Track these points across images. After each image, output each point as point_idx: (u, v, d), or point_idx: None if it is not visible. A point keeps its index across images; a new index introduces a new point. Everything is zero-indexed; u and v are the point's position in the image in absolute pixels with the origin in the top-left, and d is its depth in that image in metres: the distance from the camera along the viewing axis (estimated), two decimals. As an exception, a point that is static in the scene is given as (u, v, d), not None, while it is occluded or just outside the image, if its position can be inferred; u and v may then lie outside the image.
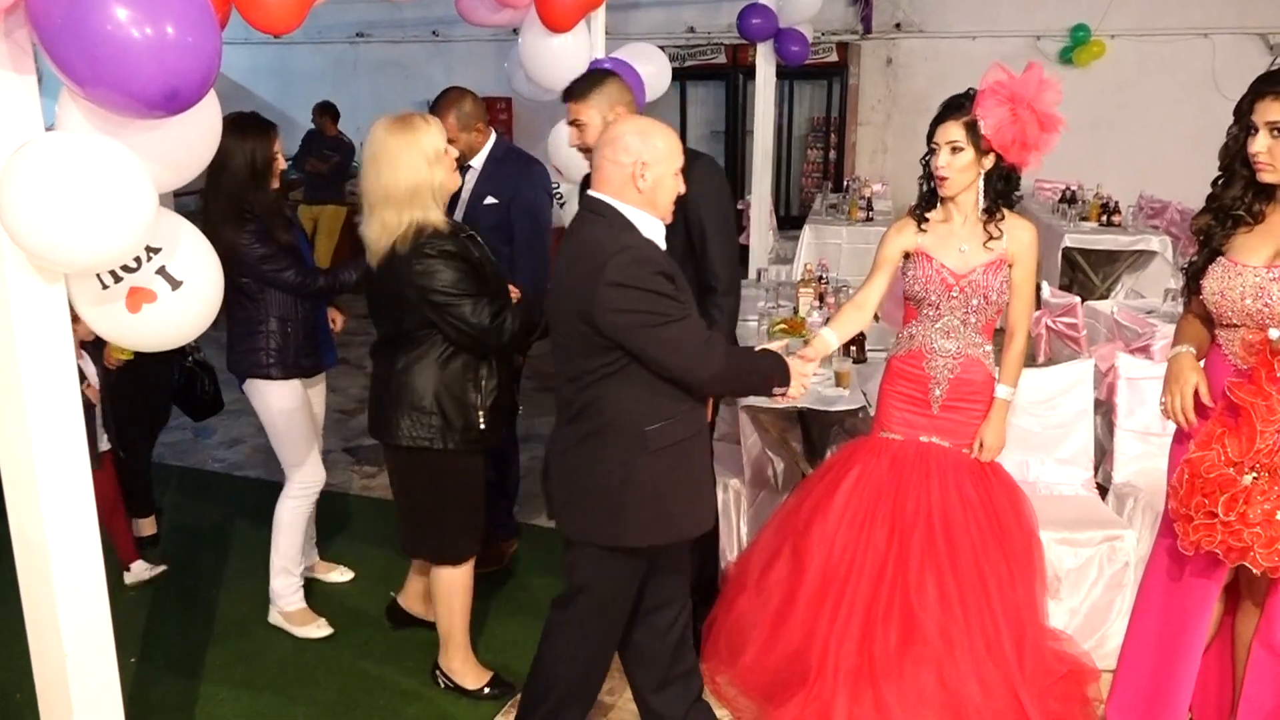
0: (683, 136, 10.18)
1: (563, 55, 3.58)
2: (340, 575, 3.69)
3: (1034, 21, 8.71)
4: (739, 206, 7.93)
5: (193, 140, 1.86)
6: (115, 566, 3.60)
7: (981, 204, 2.72)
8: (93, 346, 3.43)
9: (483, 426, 2.82)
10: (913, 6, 9.15)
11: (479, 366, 2.80)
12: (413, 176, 2.65)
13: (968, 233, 2.75)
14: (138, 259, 1.82)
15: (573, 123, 2.88)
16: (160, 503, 4.22)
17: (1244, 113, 2.22)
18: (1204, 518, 2.15)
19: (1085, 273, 6.95)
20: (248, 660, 3.22)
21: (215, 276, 1.97)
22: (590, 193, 2.31)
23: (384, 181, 2.65)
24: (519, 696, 2.99)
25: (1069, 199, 7.22)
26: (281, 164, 3.18)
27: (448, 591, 2.98)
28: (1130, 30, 8.49)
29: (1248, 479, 2.09)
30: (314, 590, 3.51)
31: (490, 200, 3.46)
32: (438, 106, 3.54)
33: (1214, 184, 2.35)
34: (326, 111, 8.19)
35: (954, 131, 2.65)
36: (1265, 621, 2.35)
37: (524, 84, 3.94)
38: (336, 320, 3.56)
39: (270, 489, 3.65)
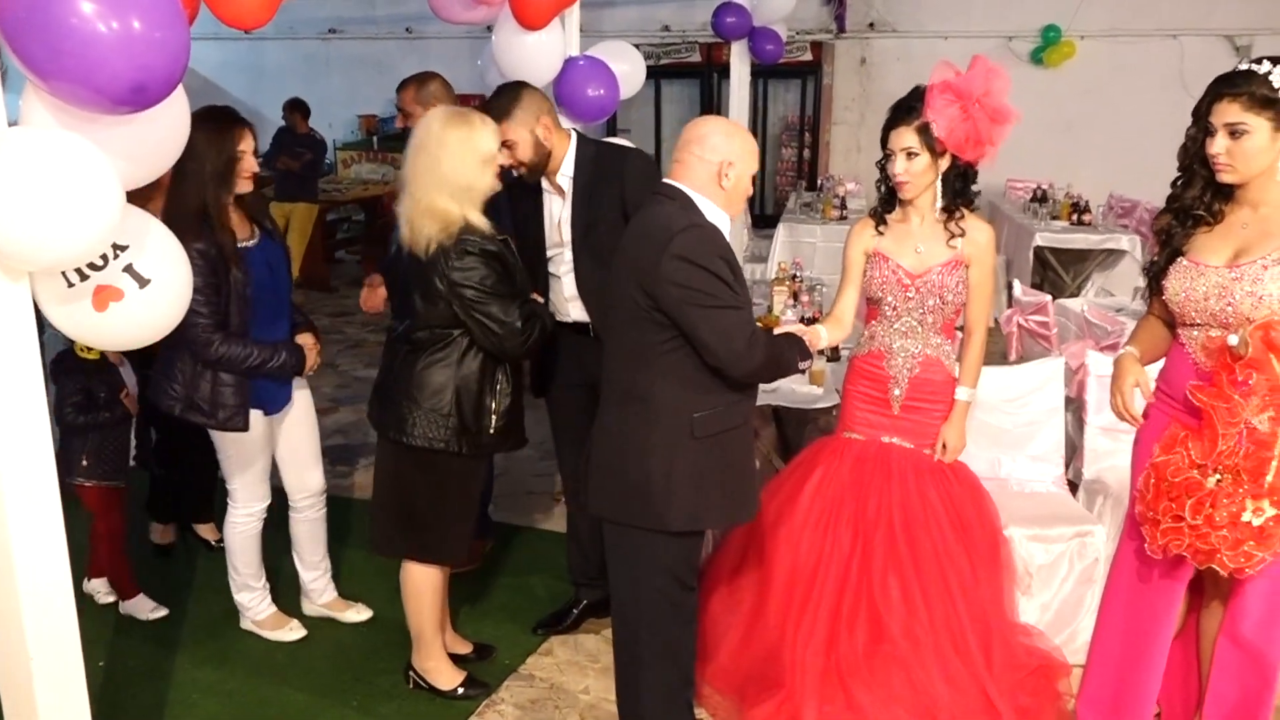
0: (656, 135, 10.21)
1: (537, 53, 3.56)
2: (357, 614, 3.43)
3: (1006, 22, 8.79)
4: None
5: (161, 136, 1.83)
6: (81, 568, 3.55)
7: (940, 204, 2.74)
8: (133, 354, 3.30)
9: (493, 432, 2.78)
10: (886, 6, 9.20)
11: (496, 372, 2.76)
12: (468, 173, 2.61)
13: (926, 233, 2.77)
14: (104, 257, 1.79)
15: (503, 144, 2.80)
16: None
17: (1202, 114, 2.23)
18: (1171, 521, 2.17)
19: (1056, 271, 7.02)
20: (219, 663, 3.18)
21: (184, 274, 1.94)
22: (667, 180, 2.36)
23: (443, 170, 2.58)
24: (491, 696, 3.00)
25: (1040, 198, 7.28)
26: (251, 165, 2.92)
27: (418, 590, 2.95)
28: (1100, 31, 8.58)
29: (1212, 481, 2.11)
30: (281, 590, 3.48)
31: None
32: (404, 81, 3.57)
33: (1173, 185, 2.37)
34: (297, 108, 8.11)
35: (907, 137, 2.66)
36: (1230, 615, 2.38)
37: (498, 81, 3.91)
38: (310, 352, 3.13)
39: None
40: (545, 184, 3.04)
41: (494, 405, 2.76)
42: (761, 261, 6.73)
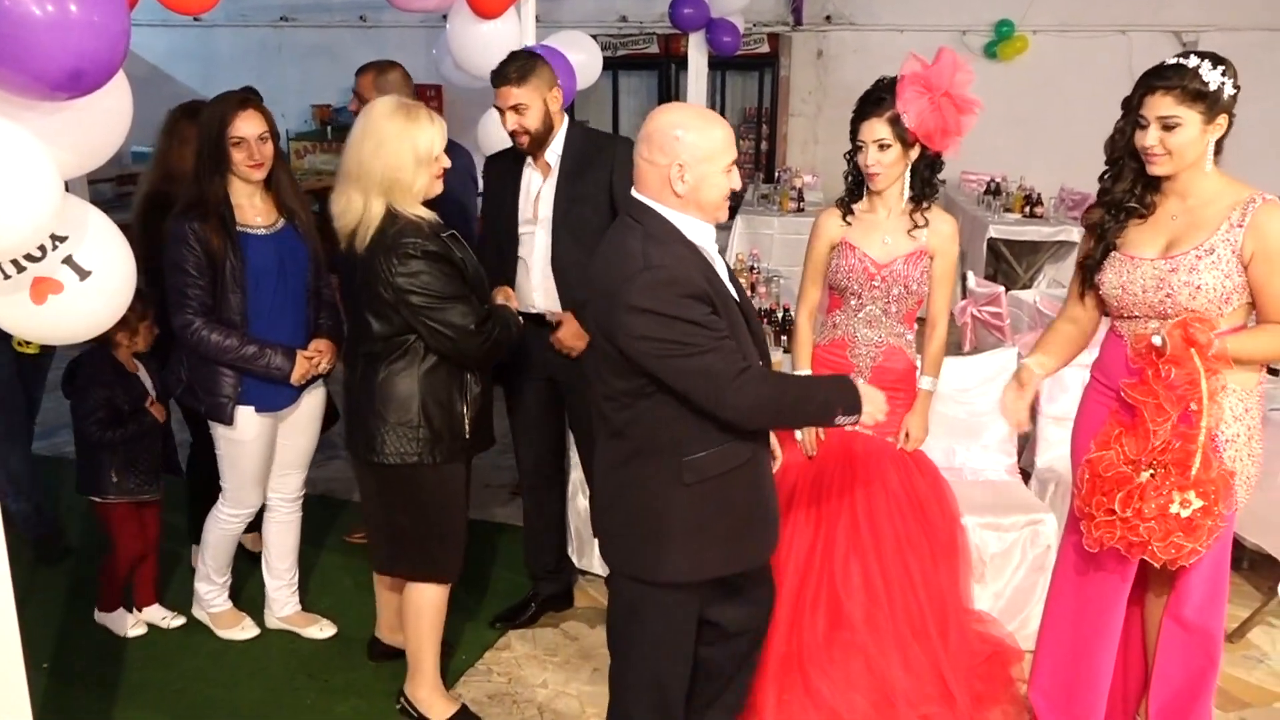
0: (614, 126, 10.19)
1: (492, 42, 3.52)
2: (319, 631, 3.26)
3: (960, 16, 8.86)
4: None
5: (101, 124, 1.78)
6: (25, 567, 3.47)
7: (908, 194, 2.76)
8: (149, 357, 3.18)
9: (468, 435, 2.67)
10: (842, -1, 9.24)
11: (463, 373, 2.63)
12: (394, 167, 2.46)
13: (892, 224, 2.79)
14: (42, 248, 1.73)
15: (513, 108, 2.83)
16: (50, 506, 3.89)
17: (1133, 107, 2.26)
18: (1104, 515, 2.21)
19: (1009, 263, 7.11)
20: (167, 663, 3.13)
21: (126, 266, 1.89)
22: (632, 193, 2.11)
23: (364, 160, 2.46)
24: (450, 693, 2.97)
25: (993, 191, 7.37)
26: (252, 151, 2.77)
27: (418, 612, 2.79)
28: (1052, 26, 8.68)
29: (1144, 476, 2.15)
30: (240, 589, 3.42)
31: None
32: (363, 67, 3.52)
33: (1102, 178, 2.40)
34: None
35: (879, 129, 2.66)
36: (1174, 597, 2.43)
37: (453, 71, 3.89)
38: (322, 358, 2.97)
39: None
40: (529, 160, 3.02)
41: (465, 409, 2.64)
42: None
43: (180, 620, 3.30)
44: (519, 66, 2.86)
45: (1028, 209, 7.00)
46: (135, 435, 3.09)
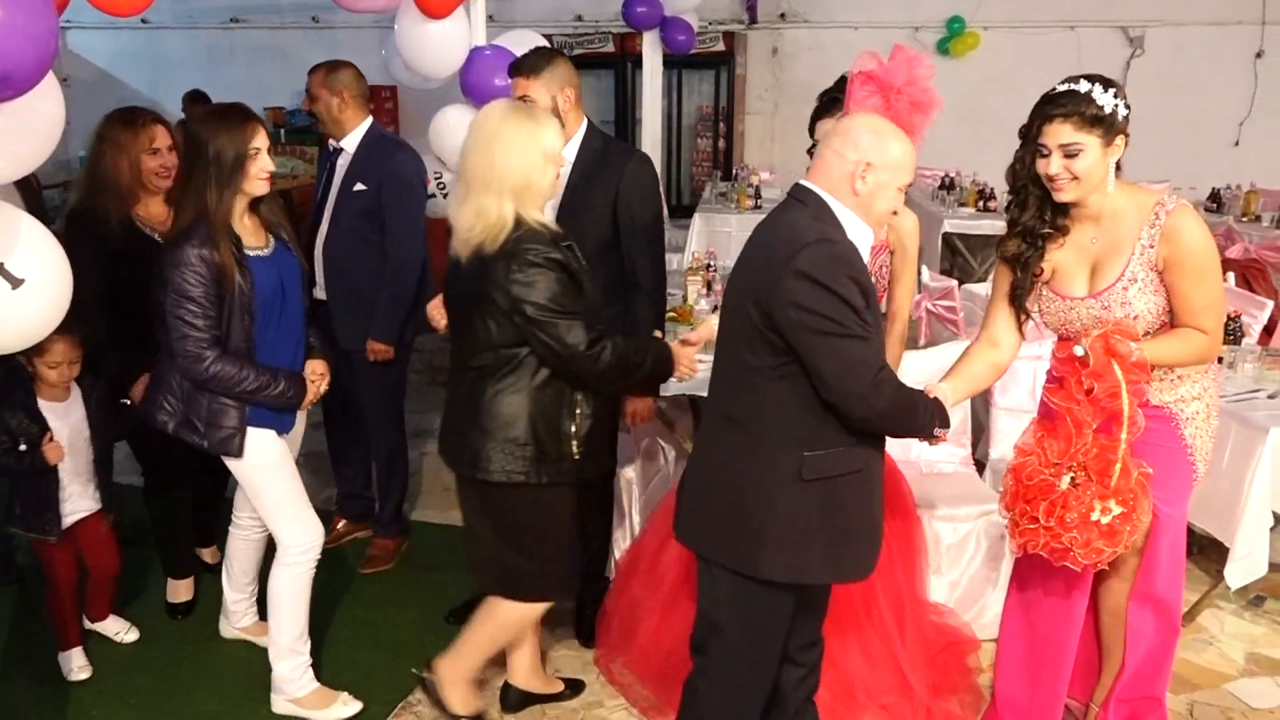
0: (571, 125, 9.87)
1: (441, 42, 3.50)
2: (345, 706, 2.93)
3: (913, 13, 8.95)
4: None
5: (31, 129, 1.73)
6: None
7: None
8: (90, 390, 2.94)
9: (577, 457, 2.53)
10: (796, -4, 9.29)
11: (574, 391, 2.49)
12: (526, 168, 2.36)
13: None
14: (-28, 256, 1.69)
15: (520, 99, 2.80)
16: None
17: (1032, 137, 2.27)
18: (1028, 522, 2.24)
19: (964, 257, 7.19)
20: (120, 673, 3.07)
21: (61, 274, 1.85)
22: (801, 181, 2.12)
23: (494, 164, 2.34)
24: (407, 698, 2.94)
25: (948, 186, 7.45)
26: (265, 164, 2.62)
27: (504, 625, 2.69)
28: (1002, 22, 8.80)
29: (1065, 481, 2.19)
30: (199, 601, 3.36)
31: (360, 186, 3.40)
32: (316, 65, 3.47)
33: (1008, 208, 2.42)
34: (198, 100, 7.80)
35: (830, 128, 2.66)
36: (1141, 580, 2.48)
37: (402, 72, 3.85)
38: (318, 379, 2.84)
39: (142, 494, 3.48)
40: None
41: (573, 430, 2.50)
42: (679, 251, 6.74)
43: (134, 634, 3.22)
44: (531, 60, 2.84)
45: (981, 203, 7.09)
46: (19, 471, 2.84)
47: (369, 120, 3.51)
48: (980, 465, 3.67)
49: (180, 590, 3.40)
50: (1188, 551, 3.70)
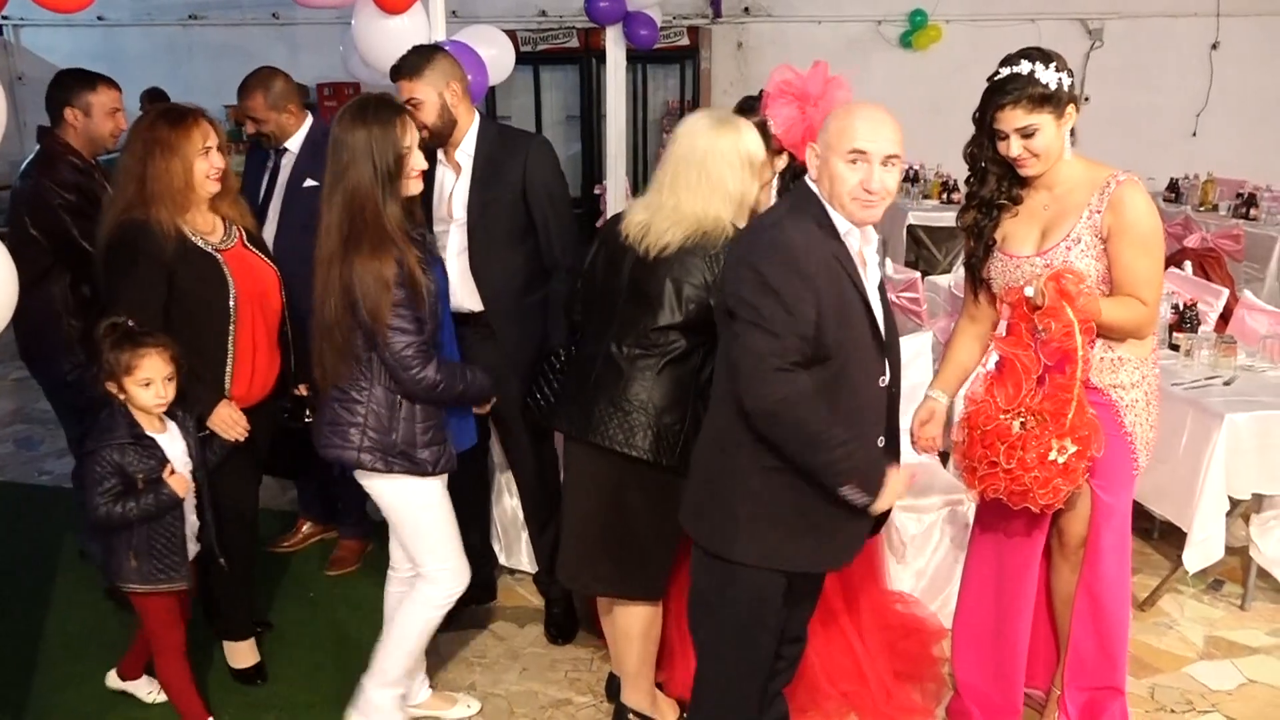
0: (537, 121, 10.12)
1: (399, 38, 3.44)
2: (466, 709, 2.90)
3: (875, 7, 9.00)
4: (595, 191, 7.93)
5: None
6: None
7: (774, 199, 2.77)
8: (185, 415, 2.63)
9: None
10: (761, -9, 9.31)
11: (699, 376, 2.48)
12: (740, 184, 2.40)
13: None
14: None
15: (407, 102, 2.80)
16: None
17: (986, 123, 2.34)
18: (987, 467, 2.28)
19: (929, 248, 7.25)
20: (79, 683, 3.01)
21: (5, 275, 1.81)
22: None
23: (713, 179, 2.38)
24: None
25: (911, 178, 7.50)
26: (419, 162, 2.45)
27: (630, 634, 2.64)
28: (964, 15, 8.87)
29: (1017, 425, 2.23)
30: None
31: (311, 183, 3.36)
32: (246, 85, 3.43)
33: (968, 183, 2.49)
34: (157, 99, 7.69)
35: None
36: (1086, 568, 2.51)
37: (361, 68, 3.81)
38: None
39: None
40: (441, 157, 2.97)
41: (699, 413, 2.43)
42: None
43: (163, 698, 2.88)
44: (411, 60, 2.83)
45: (945, 195, 7.15)
46: (149, 512, 2.52)
47: (310, 118, 3.50)
48: (944, 456, 3.69)
49: (244, 653, 3.04)
50: (1148, 537, 3.78)
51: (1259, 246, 6.13)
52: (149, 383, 2.50)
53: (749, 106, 2.69)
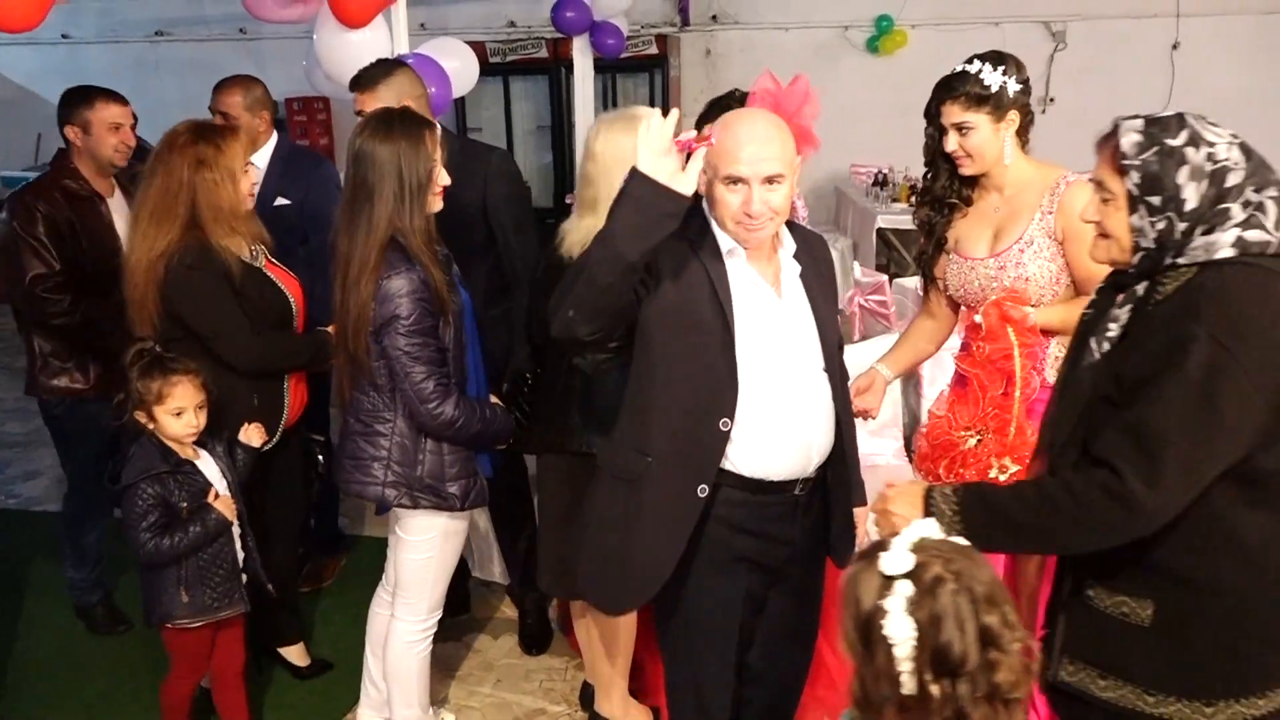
0: (508, 132, 10.10)
1: (362, 51, 3.44)
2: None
3: (842, 13, 9.06)
4: (567, 200, 7.93)
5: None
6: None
7: None
8: (215, 439, 2.56)
9: None
10: (727, -1, 9.36)
11: None
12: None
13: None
14: None
15: (358, 114, 2.80)
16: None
17: (934, 116, 2.40)
18: (935, 480, 2.34)
19: (899, 251, 7.29)
20: (49, 704, 2.99)
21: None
22: None
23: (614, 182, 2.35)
24: (353, 711, 2.91)
25: (881, 182, 7.56)
26: (444, 177, 2.38)
27: (620, 636, 2.64)
28: (929, 20, 8.94)
29: (972, 441, 2.27)
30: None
31: (282, 201, 3.36)
32: (226, 83, 3.46)
33: (923, 179, 2.55)
34: (124, 116, 7.68)
35: None
36: (1050, 563, 2.55)
37: (324, 82, 3.80)
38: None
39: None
40: None
41: None
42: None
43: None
44: (367, 73, 2.85)
45: (914, 198, 7.18)
46: (200, 541, 2.45)
47: (276, 135, 3.50)
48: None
49: (300, 654, 3.10)
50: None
51: (1221, 243, 6.22)
52: (180, 411, 2.42)
53: (725, 106, 2.70)
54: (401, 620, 2.56)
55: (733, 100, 2.71)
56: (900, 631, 1.22)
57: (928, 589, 1.23)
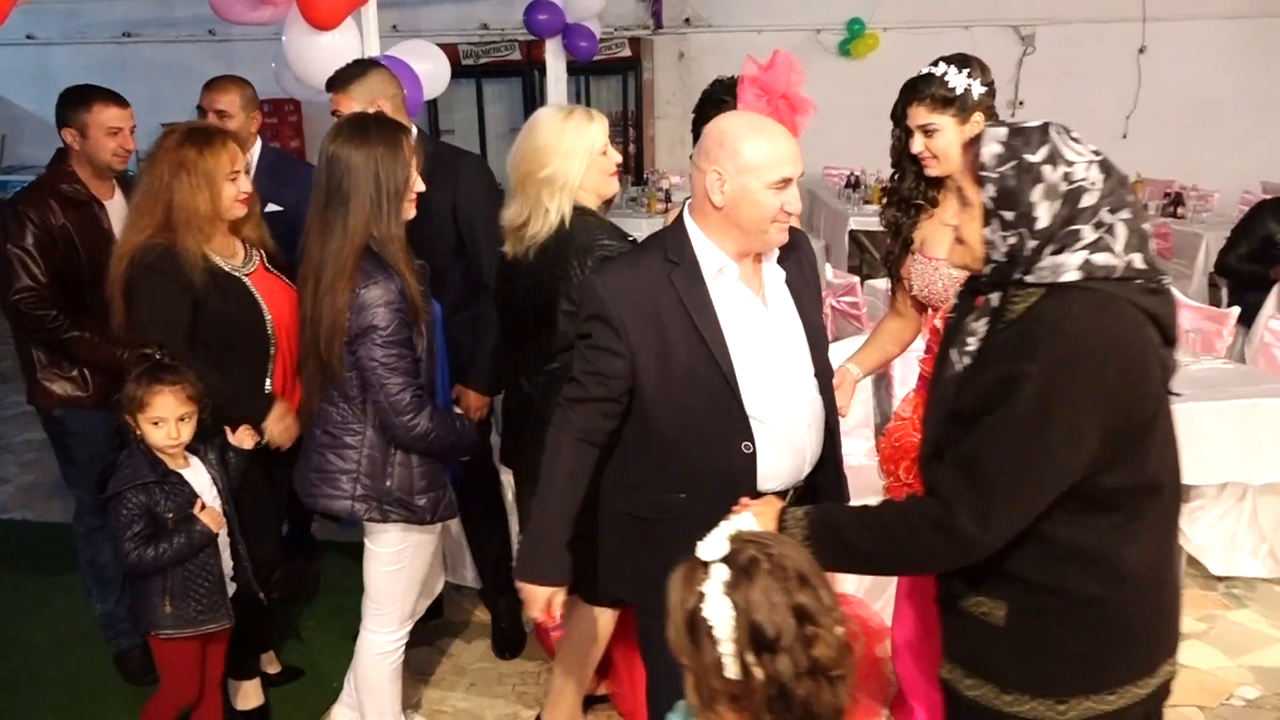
0: (480, 134, 10.10)
1: (331, 54, 3.44)
2: None
3: (814, 16, 9.12)
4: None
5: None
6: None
7: None
8: (207, 445, 2.49)
9: None
10: (701, 2, 9.39)
11: None
12: (572, 163, 2.36)
13: None
14: None
15: (334, 114, 2.79)
16: None
17: (900, 118, 2.42)
18: (894, 481, 2.36)
19: (871, 253, 7.34)
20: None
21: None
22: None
23: (545, 162, 2.36)
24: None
25: (853, 184, 7.61)
26: (418, 185, 2.34)
27: (588, 637, 2.57)
28: (900, 23, 9.02)
29: None
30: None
31: (273, 207, 3.33)
32: (222, 80, 3.42)
33: (890, 180, 2.56)
34: (91, 118, 7.58)
35: None
36: None
37: (294, 85, 3.79)
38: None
39: (39, 531, 3.35)
40: None
41: None
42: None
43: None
44: (342, 73, 2.85)
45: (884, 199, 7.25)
46: (184, 552, 2.39)
47: (260, 141, 3.46)
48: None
49: (251, 694, 2.92)
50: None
51: (1186, 244, 6.31)
52: (159, 422, 2.37)
53: (720, 100, 2.72)
54: (373, 632, 2.53)
55: (722, 89, 2.72)
56: (719, 613, 1.25)
57: (743, 569, 1.27)
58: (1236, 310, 4.10)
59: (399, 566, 2.46)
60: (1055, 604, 1.51)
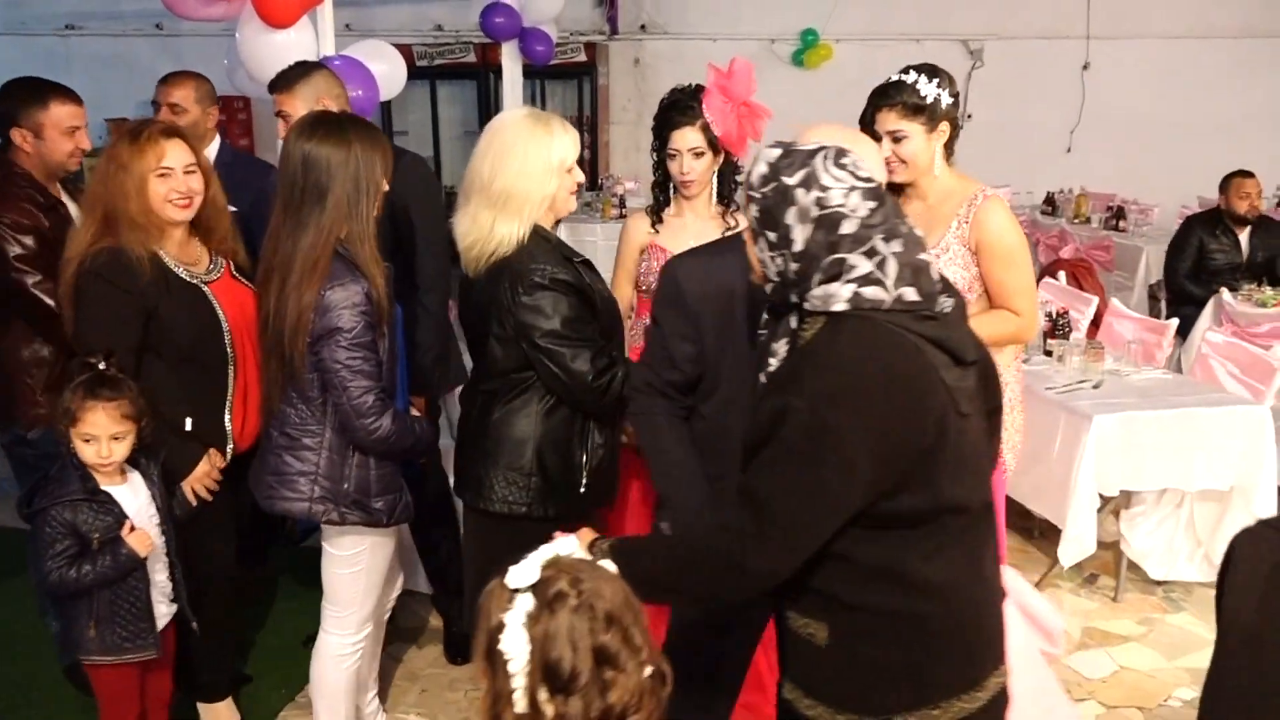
0: (435, 137, 10.00)
1: (286, 52, 3.39)
2: None
3: (768, 26, 9.22)
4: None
5: None
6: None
7: (717, 197, 2.84)
8: (149, 462, 2.36)
9: (583, 490, 2.31)
10: (657, 8, 9.43)
11: (586, 420, 2.30)
12: (528, 180, 2.20)
13: (700, 226, 2.86)
14: None
15: (279, 114, 2.77)
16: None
17: (868, 123, 2.46)
18: None
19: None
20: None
21: None
22: None
23: (498, 175, 2.20)
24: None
25: (806, 192, 7.69)
26: (385, 186, 2.29)
27: None
28: (853, 35, 9.15)
29: None
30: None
31: (229, 209, 3.28)
32: (177, 75, 3.36)
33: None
34: (32, 112, 7.39)
35: (693, 137, 2.69)
36: None
37: (247, 83, 3.73)
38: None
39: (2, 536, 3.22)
40: None
41: (584, 460, 2.30)
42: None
43: None
44: (285, 74, 2.81)
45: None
46: (107, 576, 2.24)
47: (218, 138, 3.41)
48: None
49: (222, 715, 2.80)
50: (1029, 535, 3.95)
51: (1127, 256, 6.49)
52: (90, 439, 2.22)
53: (686, 105, 2.71)
54: (331, 634, 2.49)
55: (687, 96, 2.72)
56: (515, 647, 1.20)
57: (547, 604, 1.21)
58: (1175, 322, 4.23)
59: (357, 569, 2.43)
60: (869, 622, 1.50)
